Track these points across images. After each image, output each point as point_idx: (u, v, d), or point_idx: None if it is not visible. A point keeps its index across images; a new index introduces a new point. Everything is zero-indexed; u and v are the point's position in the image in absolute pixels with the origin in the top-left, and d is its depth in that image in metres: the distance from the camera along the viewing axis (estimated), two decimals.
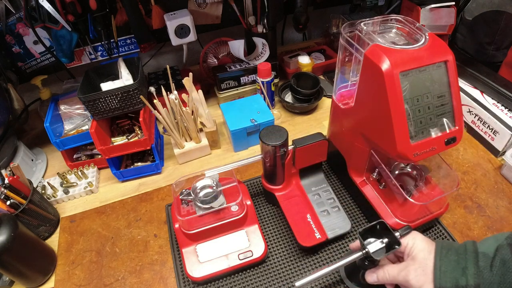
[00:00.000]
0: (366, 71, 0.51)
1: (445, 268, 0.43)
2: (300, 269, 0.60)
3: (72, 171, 0.79)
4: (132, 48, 0.98)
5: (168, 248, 0.65)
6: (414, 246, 0.47)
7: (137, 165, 0.80)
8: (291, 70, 1.03)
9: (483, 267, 0.41)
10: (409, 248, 0.48)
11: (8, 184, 0.63)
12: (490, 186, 0.71)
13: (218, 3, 0.96)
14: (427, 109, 0.50)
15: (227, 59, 0.99)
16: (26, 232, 0.58)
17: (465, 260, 0.43)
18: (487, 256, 0.42)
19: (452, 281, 0.42)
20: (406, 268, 0.46)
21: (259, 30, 0.90)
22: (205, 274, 0.56)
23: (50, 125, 0.74)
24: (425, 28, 0.51)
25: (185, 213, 0.60)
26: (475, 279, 0.41)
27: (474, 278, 0.41)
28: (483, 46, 0.97)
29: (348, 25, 0.55)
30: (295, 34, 1.26)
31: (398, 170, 0.64)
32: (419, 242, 0.48)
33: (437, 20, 0.82)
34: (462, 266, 0.43)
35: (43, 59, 0.92)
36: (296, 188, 0.67)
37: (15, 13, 0.81)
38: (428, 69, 0.48)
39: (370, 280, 0.50)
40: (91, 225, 0.71)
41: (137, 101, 0.72)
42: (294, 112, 0.94)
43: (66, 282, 0.62)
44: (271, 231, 0.66)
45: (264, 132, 0.59)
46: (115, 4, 0.86)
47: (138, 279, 0.61)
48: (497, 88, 0.77)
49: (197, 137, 0.80)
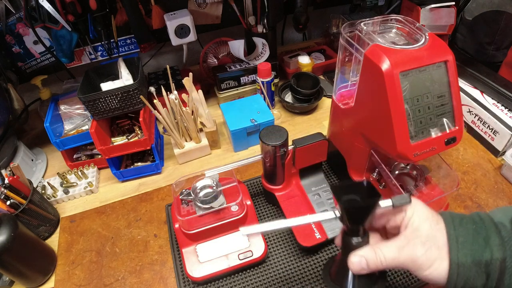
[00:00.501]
0: (366, 71, 0.51)
1: (463, 239, 0.34)
2: (300, 269, 0.60)
3: (72, 171, 0.79)
4: (132, 48, 0.98)
5: (168, 248, 0.65)
6: (414, 215, 0.37)
7: (137, 165, 0.80)
8: (291, 70, 1.03)
9: (508, 238, 0.34)
10: (408, 218, 0.37)
11: (8, 184, 0.63)
12: (490, 186, 0.71)
13: (218, 3, 0.96)
14: (427, 109, 0.50)
15: (227, 59, 0.99)
16: (26, 232, 0.58)
17: (485, 229, 0.35)
18: (505, 226, 0.35)
19: (474, 255, 0.33)
20: (409, 242, 0.35)
21: (259, 30, 0.90)
22: (205, 274, 0.56)
23: (50, 125, 0.74)
24: (425, 28, 0.51)
25: (185, 213, 0.60)
26: (500, 251, 0.33)
27: (500, 250, 0.33)
28: (483, 46, 0.97)
29: (348, 25, 0.55)
30: (295, 34, 1.26)
31: (398, 170, 0.64)
32: (421, 209, 0.37)
33: (437, 20, 0.82)
34: (483, 236, 0.34)
35: (43, 59, 0.92)
36: (296, 188, 0.67)
37: (15, 13, 0.81)
38: (428, 69, 0.48)
39: (356, 267, 0.37)
40: (91, 225, 0.71)
41: (137, 101, 0.72)
42: (294, 112, 0.94)
43: (66, 282, 0.62)
44: (271, 231, 0.66)
45: (264, 132, 0.59)
46: (115, 4, 0.86)
47: (138, 279, 0.61)
48: (497, 88, 0.77)
49: (197, 137, 0.80)
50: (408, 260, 0.35)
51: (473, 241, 0.34)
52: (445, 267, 0.34)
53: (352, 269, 0.37)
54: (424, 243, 0.35)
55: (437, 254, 0.34)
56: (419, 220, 0.36)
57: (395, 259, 0.35)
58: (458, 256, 0.33)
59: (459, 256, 0.33)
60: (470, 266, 0.33)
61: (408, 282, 0.57)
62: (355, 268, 0.37)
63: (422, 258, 0.34)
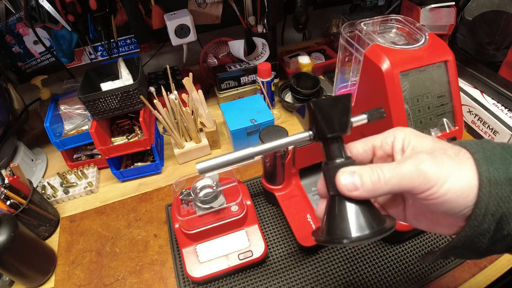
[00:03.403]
0: (366, 71, 0.51)
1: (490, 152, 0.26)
2: (300, 269, 0.60)
3: (72, 171, 0.79)
4: (132, 48, 0.99)
5: (168, 248, 0.65)
6: (408, 136, 0.29)
7: (137, 165, 0.80)
8: (291, 70, 1.03)
9: None
10: (401, 140, 0.29)
11: (8, 184, 0.63)
12: None
13: (218, 3, 0.96)
14: (427, 109, 0.50)
15: (227, 59, 0.99)
16: (26, 232, 0.58)
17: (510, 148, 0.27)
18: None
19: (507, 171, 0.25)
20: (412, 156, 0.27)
21: (259, 30, 0.90)
22: (205, 274, 0.56)
23: (50, 125, 0.74)
24: (425, 28, 0.51)
25: (185, 213, 0.60)
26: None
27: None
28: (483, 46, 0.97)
29: (348, 25, 0.55)
30: (295, 34, 1.26)
31: None
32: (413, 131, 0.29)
33: (437, 20, 0.82)
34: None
35: (43, 59, 0.92)
36: (296, 188, 0.67)
37: (15, 13, 0.81)
38: (428, 69, 0.48)
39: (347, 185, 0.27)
40: (91, 225, 0.71)
41: (137, 101, 0.72)
42: (294, 112, 0.94)
43: (66, 282, 0.62)
44: (271, 231, 0.66)
45: (264, 132, 0.59)
46: (115, 4, 0.87)
47: (138, 279, 0.61)
48: (497, 88, 0.77)
49: (197, 137, 0.80)
50: (414, 173, 0.25)
51: (501, 156, 0.26)
52: (469, 181, 0.25)
53: (342, 189, 0.27)
54: (431, 153, 0.26)
55: (452, 163, 0.25)
56: (416, 139, 0.28)
57: (396, 174, 0.26)
58: (489, 171, 0.25)
59: (490, 170, 0.25)
60: (503, 184, 0.25)
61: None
62: (346, 187, 0.27)
63: (432, 167, 0.25)
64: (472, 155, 0.26)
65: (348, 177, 0.27)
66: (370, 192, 0.27)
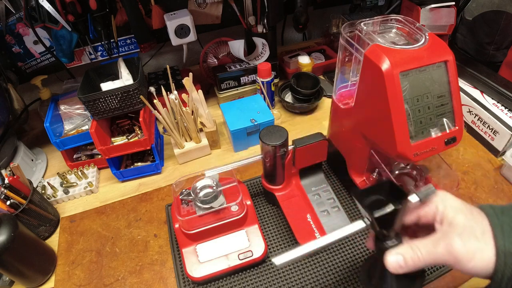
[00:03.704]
0: (366, 71, 0.51)
1: (508, 227, 0.32)
2: (300, 269, 0.60)
3: (72, 171, 0.79)
4: (132, 48, 0.99)
5: (168, 248, 0.65)
6: (447, 208, 0.35)
7: (137, 165, 0.80)
8: (291, 70, 1.03)
9: None
10: (442, 212, 0.36)
11: (8, 184, 0.63)
12: (490, 186, 0.71)
13: (218, 3, 0.96)
14: (427, 109, 0.50)
15: (227, 59, 0.99)
16: (26, 232, 0.58)
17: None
18: None
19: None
20: (444, 236, 0.34)
21: (259, 30, 0.90)
22: (205, 274, 0.56)
23: (50, 125, 0.74)
24: (425, 28, 0.51)
25: (185, 213, 0.60)
26: None
27: None
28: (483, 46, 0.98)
29: (348, 25, 0.55)
30: (295, 34, 1.26)
31: (398, 170, 0.64)
32: (453, 201, 0.36)
33: (437, 20, 0.82)
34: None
35: (43, 59, 0.92)
36: (296, 188, 0.67)
37: (15, 13, 0.81)
38: (428, 69, 0.48)
39: (393, 265, 0.35)
40: (91, 225, 0.71)
41: (137, 101, 0.72)
42: (294, 112, 0.94)
43: (66, 282, 0.62)
44: (271, 231, 0.66)
45: (264, 132, 0.59)
46: (115, 4, 0.87)
47: (138, 279, 0.61)
48: (497, 88, 0.77)
49: (197, 137, 0.80)
50: (446, 254, 0.33)
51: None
52: (490, 257, 0.32)
53: (390, 268, 0.35)
54: (460, 234, 0.33)
55: (477, 245, 0.32)
56: (453, 213, 0.35)
57: (432, 253, 0.33)
58: (505, 245, 0.31)
59: (506, 244, 0.31)
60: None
61: None
62: (392, 267, 0.35)
63: (461, 250, 0.32)
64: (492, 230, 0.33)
65: (394, 260, 0.35)
66: (411, 267, 0.35)
